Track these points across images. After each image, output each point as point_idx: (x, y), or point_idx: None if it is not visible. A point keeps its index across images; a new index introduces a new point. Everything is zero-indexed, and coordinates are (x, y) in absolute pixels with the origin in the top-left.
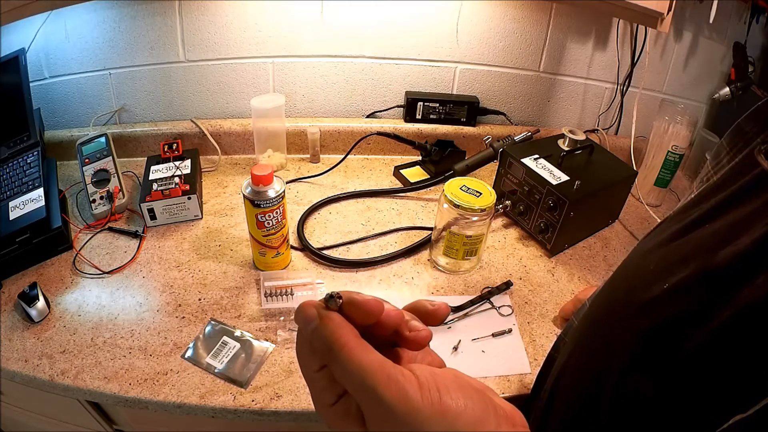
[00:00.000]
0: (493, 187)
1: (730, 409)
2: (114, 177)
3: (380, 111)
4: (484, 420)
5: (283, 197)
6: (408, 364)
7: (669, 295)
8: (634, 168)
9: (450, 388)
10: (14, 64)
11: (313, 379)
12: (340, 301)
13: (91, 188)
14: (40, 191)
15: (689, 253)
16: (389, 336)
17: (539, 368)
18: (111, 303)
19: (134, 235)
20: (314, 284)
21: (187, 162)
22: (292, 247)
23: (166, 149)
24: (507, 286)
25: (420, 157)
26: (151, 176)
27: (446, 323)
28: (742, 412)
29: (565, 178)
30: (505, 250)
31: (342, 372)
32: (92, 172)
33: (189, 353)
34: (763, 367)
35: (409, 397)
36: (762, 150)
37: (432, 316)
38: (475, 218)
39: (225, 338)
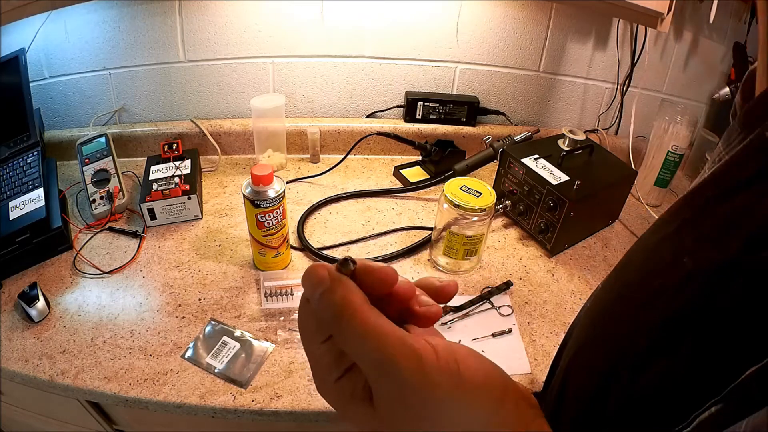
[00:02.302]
0: (493, 187)
1: (746, 362)
2: (114, 177)
3: (380, 111)
4: (504, 398)
5: (283, 197)
6: None
7: (689, 277)
8: (634, 168)
9: (468, 361)
10: (14, 64)
11: (317, 352)
12: (354, 266)
13: (91, 188)
14: (40, 191)
15: (703, 236)
16: (397, 312)
17: (545, 366)
18: (111, 303)
19: (134, 235)
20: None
21: (187, 162)
22: (292, 247)
23: (166, 149)
24: (507, 286)
25: (420, 157)
26: (151, 176)
27: (446, 323)
28: (757, 363)
29: (565, 178)
30: (505, 250)
31: (351, 339)
32: (92, 172)
33: (189, 353)
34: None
35: (426, 367)
36: None
37: (441, 293)
38: (475, 218)
39: (225, 338)
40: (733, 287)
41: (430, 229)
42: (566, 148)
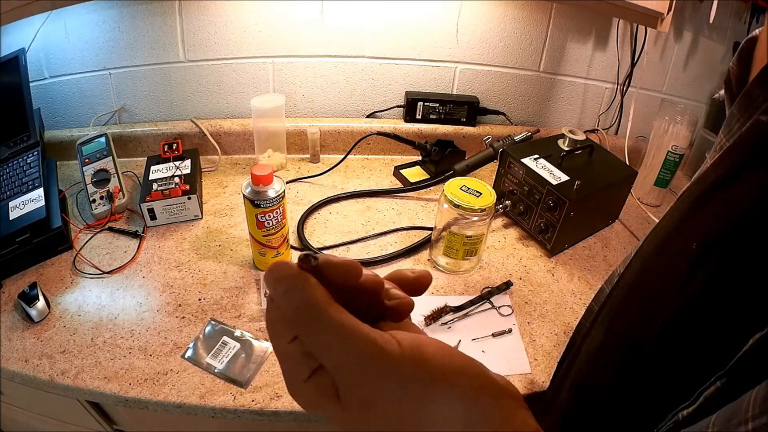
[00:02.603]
0: (493, 187)
1: (749, 332)
2: (114, 177)
3: (380, 111)
4: (480, 391)
5: (283, 197)
6: None
7: (698, 259)
8: (634, 168)
9: (438, 355)
10: (14, 64)
11: (286, 352)
12: (316, 261)
13: (91, 188)
14: (40, 191)
15: (709, 221)
16: (368, 308)
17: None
18: (111, 303)
19: (134, 235)
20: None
21: (187, 162)
22: (292, 247)
23: (166, 149)
24: (507, 286)
25: (420, 157)
26: (151, 176)
27: (446, 323)
28: (760, 330)
29: (565, 178)
30: (505, 250)
31: (314, 337)
32: (92, 172)
33: (189, 353)
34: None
35: (391, 356)
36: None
37: (414, 285)
38: (475, 218)
39: (225, 338)
40: (736, 265)
41: (430, 229)
42: (566, 148)
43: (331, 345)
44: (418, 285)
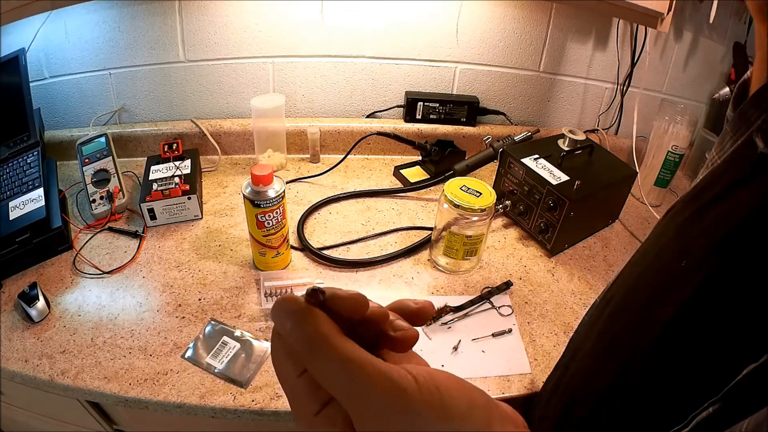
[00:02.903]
0: (493, 187)
1: (743, 361)
2: (114, 177)
3: (380, 111)
4: (490, 422)
5: (283, 197)
6: None
7: (687, 273)
8: (634, 168)
9: (451, 388)
10: (14, 64)
11: (294, 386)
12: (323, 296)
13: (91, 188)
14: (40, 191)
15: (698, 239)
16: (371, 339)
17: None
18: (111, 303)
19: (134, 235)
20: (314, 284)
21: (187, 162)
22: (292, 247)
23: (166, 149)
24: (507, 286)
25: (420, 157)
26: (151, 176)
27: (446, 323)
28: (754, 361)
29: (565, 178)
30: (505, 250)
31: (325, 371)
32: (92, 172)
33: (189, 353)
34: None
35: (407, 394)
36: (761, 129)
37: (416, 316)
38: (475, 218)
39: (225, 338)
40: (727, 288)
41: (430, 229)
42: (566, 148)
43: (344, 379)
44: (421, 315)
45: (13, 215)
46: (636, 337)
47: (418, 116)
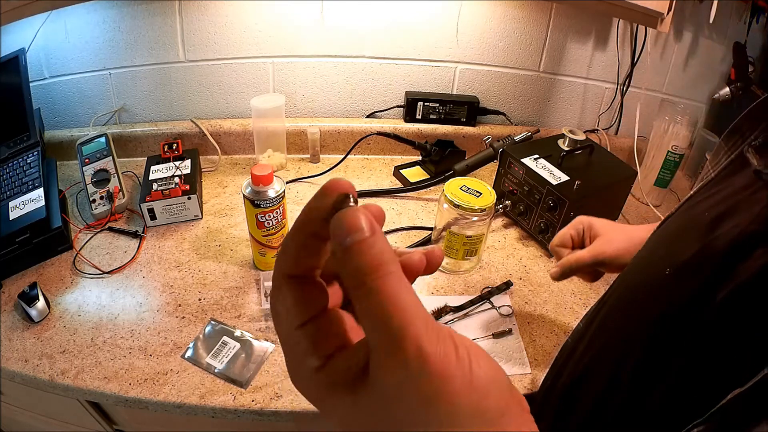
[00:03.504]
0: (493, 187)
1: (729, 384)
2: (114, 177)
3: (380, 111)
4: (510, 402)
5: (283, 197)
6: None
7: (675, 277)
8: (634, 168)
9: (481, 360)
10: (14, 64)
11: (293, 337)
12: (354, 204)
13: (91, 188)
14: (40, 191)
15: (687, 246)
16: None
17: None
18: (111, 303)
19: (134, 235)
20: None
21: (187, 162)
22: None
23: (166, 149)
24: (507, 286)
25: (420, 157)
26: (151, 176)
27: (446, 323)
28: (740, 386)
29: (565, 178)
30: (505, 250)
31: (377, 304)
32: (92, 172)
33: (189, 353)
34: (759, 341)
35: (445, 356)
36: (753, 146)
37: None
38: (475, 218)
39: (225, 338)
40: (712, 302)
41: (430, 229)
42: (566, 148)
43: (394, 320)
44: (432, 259)
45: (13, 215)
46: (623, 346)
47: (418, 116)
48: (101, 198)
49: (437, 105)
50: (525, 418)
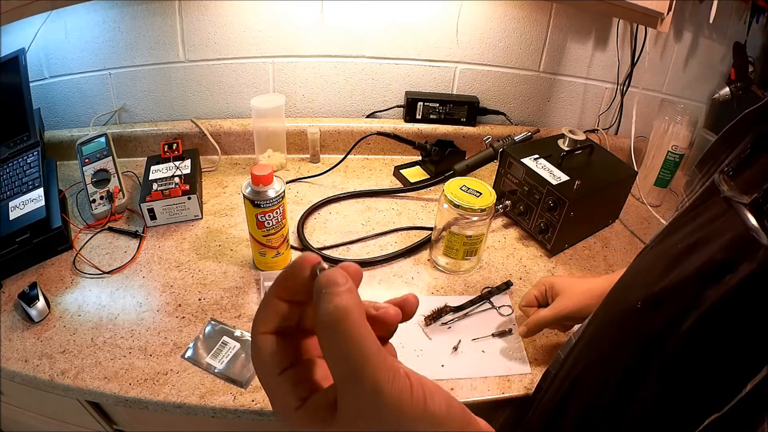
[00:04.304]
0: (493, 187)
1: (706, 410)
2: (114, 177)
3: (380, 111)
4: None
5: (283, 197)
6: None
7: (646, 309)
8: (635, 168)
9: (434, 394)
10: (14, 64)
11: (273, 384)
12: (319, 272)
13: (91, 188)
14: (40, 191)
15: (658, 278)
16: None
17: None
18: (111, 303)
19: (134, 235)
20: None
21: (187, 162)
22: (292, 247)
23: (166, 149)
24: (507, 286)
25: (420, 157)
26: (151, 176)
27: (446, 323)
28: (717, 411)
29: (565, 178)
30: (505, 250)
31: (342, 345)
32: (92, 172)
33: (189, 353)
34: (732, 366)
35: (400, 392)
36: (724, 172)
37: (402, 306)
38: (475, 218)
39: (225, 338)
40: (680, 331)
41: (430, 229)
42: (566, 148)
43: (356, 360)
44: (406, 306)
45: (13, 215)
46: (603, 369)
47: (418, 116)
48: (101, 198)
49: (437, 105)
50: None
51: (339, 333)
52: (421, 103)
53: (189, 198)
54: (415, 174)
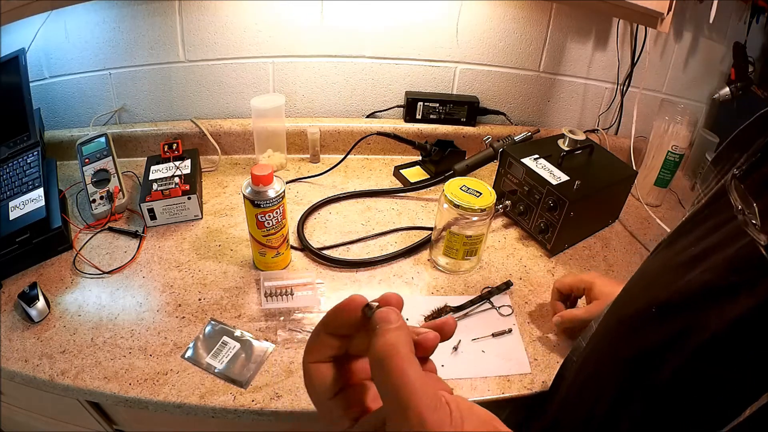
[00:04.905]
0: (493, 187)
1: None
2: (114, 177)
3: (380, 111)
4: None
5: (283, 197)
6: None
7: (652, 319)
8: (634, 168)
9: (470, 414)
10: (14, 64)
11: (326, 406)
12: (371, 312)
13: (91, 188)
14: (40, 191)
15: (668, 283)
16: None
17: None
18: (111, 303)
19: (134, 235)
20: (314, 284)
21: (187, 162)
22: (292, 247)
23: (166, 149)
24: (507, 286)
25: (420, 157)
26: (151, 176)
27: None
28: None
29: (565, 178)
30: (505, 250)
31: (392, 378)
32: (92, 172)
33: (189, 353)
34: (734, 389)
35: (444, 422)
36: (735, 176)
37: (440, 330)
38: (475, 218)
39: (225, 338)
40: (696, 341)
41: (430, 229)
42: (566, 148)
43: (404, 392)
44: (445, 329)
45: (13, 215)
46: (600, 381)
47: (418, 116)
48: (101, 198)
49: (437, 105)
50: None
51: (388, 367)
52: (421, 103)
53: (189, 198)
54: (415, 174)
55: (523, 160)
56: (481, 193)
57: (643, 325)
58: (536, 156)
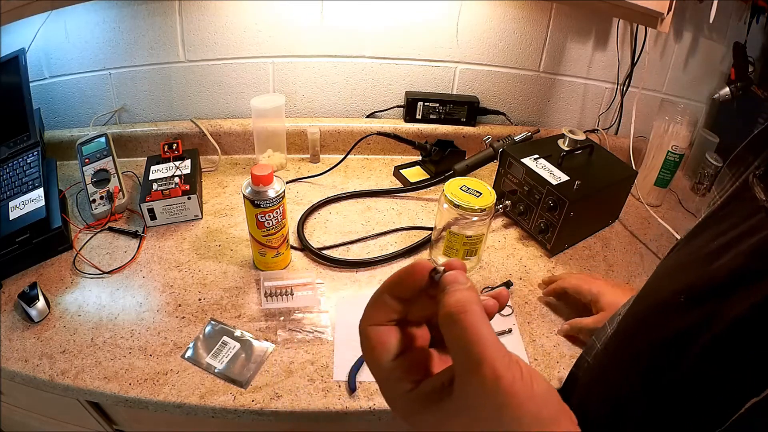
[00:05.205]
0: (493, 187)
1: (710, 424)
2: (114, 177)
3: (380, 111)
4: (561, 413)
5: (283, 197)
6: None
7: (677, 308)
8: (634, 168)
9: (539, 378)
10: (14, 64)
11: (387, 368)
12: (436, 275)
13: (91, 188)
14: (40, 191)
15: (697, 270)
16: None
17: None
18: (111, 303)
19: (134, 235)
20: (314, 284)
21: (187, 162)
22: (292, 247)
23: (166, 149)
24: (507, 286)
25: (420, 157)
26: (151, 176)
27: None
28: (720, 425)
29: (565, 178)
30: (505, 250)
31: (466, 333)
32: (92, 172)
33: (189, 353)
34: (740, 380)
35: (513, 377)
36: (756, 176)
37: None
38: (475, 218)
39: (225, 338)
40: (718, 327)
41: (430, 229)
42: (566, 148)
43: (478, 347)
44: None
45: (13, 215)
46: (627, 365)
47: (418, 116)
48: (101, 198)
49: (437, 105)
50: (573, 428)
51: (462, 323)
52: (421, 103)
53: (189, 198)
54: (415, 174)
55: (523, 160)
56: (481, 193)
57: (668, 314)
58: (536, 156)
